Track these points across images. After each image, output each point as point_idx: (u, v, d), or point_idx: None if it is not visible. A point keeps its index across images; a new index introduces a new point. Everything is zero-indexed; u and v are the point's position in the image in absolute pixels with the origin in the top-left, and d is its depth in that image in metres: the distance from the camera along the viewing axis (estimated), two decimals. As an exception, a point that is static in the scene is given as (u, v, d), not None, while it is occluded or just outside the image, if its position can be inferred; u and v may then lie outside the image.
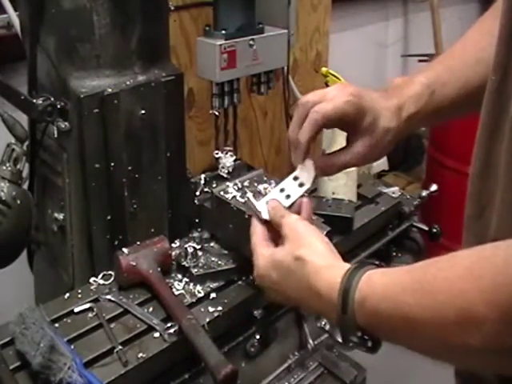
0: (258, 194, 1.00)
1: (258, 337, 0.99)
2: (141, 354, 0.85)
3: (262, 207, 0.86)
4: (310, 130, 0.85)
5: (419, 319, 0.59)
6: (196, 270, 1.00)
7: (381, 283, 0.66)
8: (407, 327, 0.61)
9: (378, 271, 0.68)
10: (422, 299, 0.59)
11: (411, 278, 0.63)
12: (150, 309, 0.94)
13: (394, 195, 1.29)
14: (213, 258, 1.04)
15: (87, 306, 0.93)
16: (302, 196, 0.88)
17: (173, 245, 1.08)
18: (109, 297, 0.96)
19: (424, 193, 1.31)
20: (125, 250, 0.99)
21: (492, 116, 0.70)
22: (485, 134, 0.72)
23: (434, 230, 1.27)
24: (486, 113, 0.71)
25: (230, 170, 1.16)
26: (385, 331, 0.66)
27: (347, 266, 0.72)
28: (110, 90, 1.02)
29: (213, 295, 0.97)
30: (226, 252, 1.05)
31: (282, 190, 0.89)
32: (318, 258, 0.75)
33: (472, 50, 0.89)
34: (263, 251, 0.82)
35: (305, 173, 0.88)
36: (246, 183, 1.06)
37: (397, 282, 0.64)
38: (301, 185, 0.88)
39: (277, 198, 0.87)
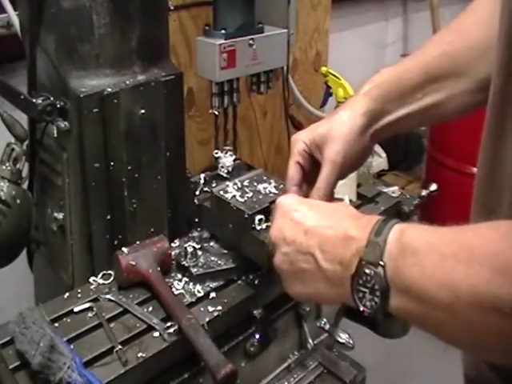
0: None
1: (257, 336, 0.99)
2: (140, 354, 0.85)
3: None
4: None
5: (452, 271, 0.56)
6: (196, 270, 1.00)
7: (421, 227, 0.63)
8: (438, 276, 0.57)
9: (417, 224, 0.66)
10: (458, 252, 0.57)
11: (450, 232, 0.61)
12: (150, 308, 0.94)
13: (393, 195, 1.28)
14: (212, 258, 1.04)
15: (87, 305, 0.93)
16: None
17: (172, 244, 1.08)
18: (108, 296, 0.96)
19: (424, 192, 1.31)
20: (124, 249, 0.99)
21: (496, 119, 0.69)
22: (490, 138, 0.71)
23: (434, 230, 1.27)
24: (490, 116, 0.71)
25: (230, 169, 1.16)
26: (411, 272, 0.60)
27: None
28: (109, 89, 1.02)
29: (212, 295, 0.97)
30: (225, 251, 1.05)
31: None
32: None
33: (438, 43, 0.90)
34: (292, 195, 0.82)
35: None
36: (245, 183, 1.06)
37: (437, 231, 0.62)
38: None
39: None
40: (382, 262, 0.62)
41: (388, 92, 0.89)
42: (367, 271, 0.63)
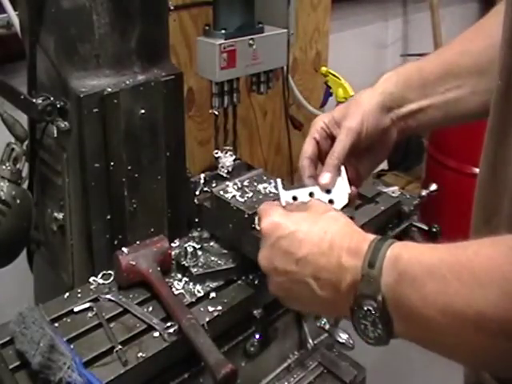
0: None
1: (257, 336, 0.99)
2: (140, 354, 0.85)
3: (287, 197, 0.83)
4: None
5: (456, 295, 0.54)
6: (196, 270, 1.00)
7: (417, 249, 0.60)
8: (441, 302, 0.55)
9: (412, 243, 0.63)
10: (460, 274, 0.54)
11: (449, 251, 0.58)
12: (150, 308, 0.94)
13: (393, 195, 1.28)
14: (212, 258, 1.04)
15: (87, 305, 0.93)
16: None
17: (172, 244, 1.08)
18: (108, 296, 0.96)
19: (424, 192, 1.31)
20: (124, 249, 0.99)
21: (499, 121, 0.69)
22: (492, 139, 0.71)
23: (434, 230, 1.27)
24: (493, 117, 0.70)
25: (230, 169, 1.16)
26: (412, 300, 0.57)
27: None
28: (109, 89, 1.02)
29: (212, 295, 0.97)
30: (225, 251, 1.05)
31: (310, 194, 0.85)
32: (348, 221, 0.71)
33: (460, 42, 0.91)
34: (279, 208, 0.76)
35: (337, 191, 0.86)
36: (245, 183, 1.07)
37: (434, 253, 0.59)
38: (330, 201, 0.85)
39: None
40: (379, 296, 0.60)
41: (408, 80, 0.90)
42: (365, 307, 0.61)
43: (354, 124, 0.87)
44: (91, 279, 1.00)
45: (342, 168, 0.87)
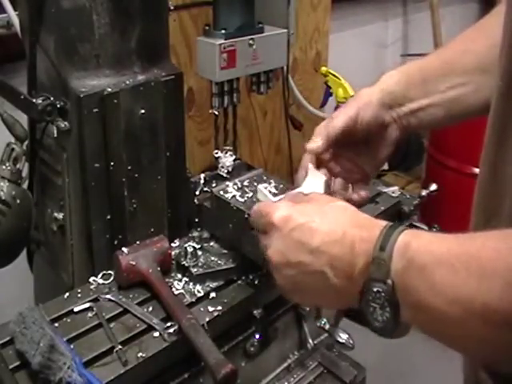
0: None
1: (257, 336, 0.99)
2: (140, 354, 0.85)
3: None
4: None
5: (464, 286, 0.55)
6: (196, 270, 1.00)
7: (426, 238, 0.61)
8: (449, 291, 0.56)
9: (422, 231, 0.64)
10: (469, 264, 0.55)
11: (458, 242, 0.58)
12: (150, 308, 0.94)
13: (393, 195, 1.28)
14: (212, 258, 1.04)
15: (87, 305, 0.93)
16: None
17: (172, 244, 1.08)
18: (108, 296, 0.96)
19: (424, 192, 1.31)
20: (124, 249, 0.99)
21: (500, 121, 0.69)
22: (493, 139, 0.70)
23: (434, 230, 1.27)
24: (493, 117, 0.70)
25: (230, 169, 1.16)
26: (420, 288, 0.58)
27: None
28: (109, 89, 1.02)
29: (212, 295, 0.97)
30: (225, 251, 1.05)
31: None
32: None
33: (461, 41, 0.92)
34: (284, 203, 0.76)
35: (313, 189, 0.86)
36: (245, 183, 1.06)
37: (443, 242, 0.59)
38: None
39: None
40: (389, 280, 0.60)
41: (410, 78, 0.91)
42: (375, 289, 0.62)
43: (352, 111, 0.89)
44: (91, 279, 1.00)
45: (324, 179, 0.88)
